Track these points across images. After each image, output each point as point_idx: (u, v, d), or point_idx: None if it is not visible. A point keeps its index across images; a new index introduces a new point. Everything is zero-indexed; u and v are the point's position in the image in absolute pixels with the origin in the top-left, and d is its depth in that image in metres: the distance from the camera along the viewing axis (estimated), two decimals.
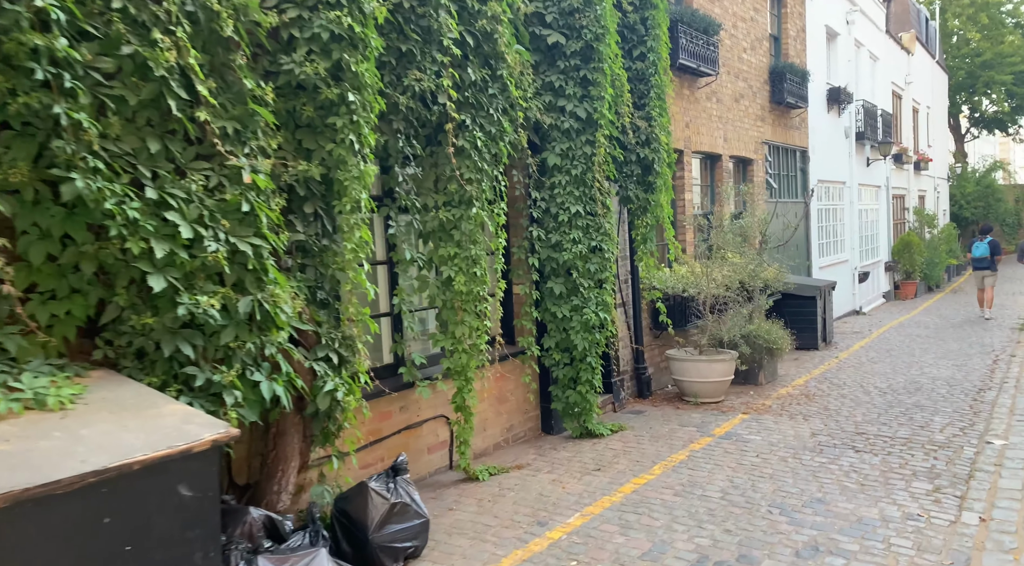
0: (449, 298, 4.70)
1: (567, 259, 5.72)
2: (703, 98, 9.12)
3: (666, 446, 5.76)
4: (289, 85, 3.65)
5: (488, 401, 5.57)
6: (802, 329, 10.35)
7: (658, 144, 6.56)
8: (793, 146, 12.15)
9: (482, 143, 4.69)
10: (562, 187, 5.71)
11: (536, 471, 5.18)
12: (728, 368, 7.19)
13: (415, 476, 4.92)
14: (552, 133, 5.66)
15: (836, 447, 5.66)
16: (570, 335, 5.80)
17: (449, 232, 4.67)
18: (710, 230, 7.85)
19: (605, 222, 5.94)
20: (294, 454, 3.65)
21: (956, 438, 5.85)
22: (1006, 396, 7.21)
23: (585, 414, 5.94)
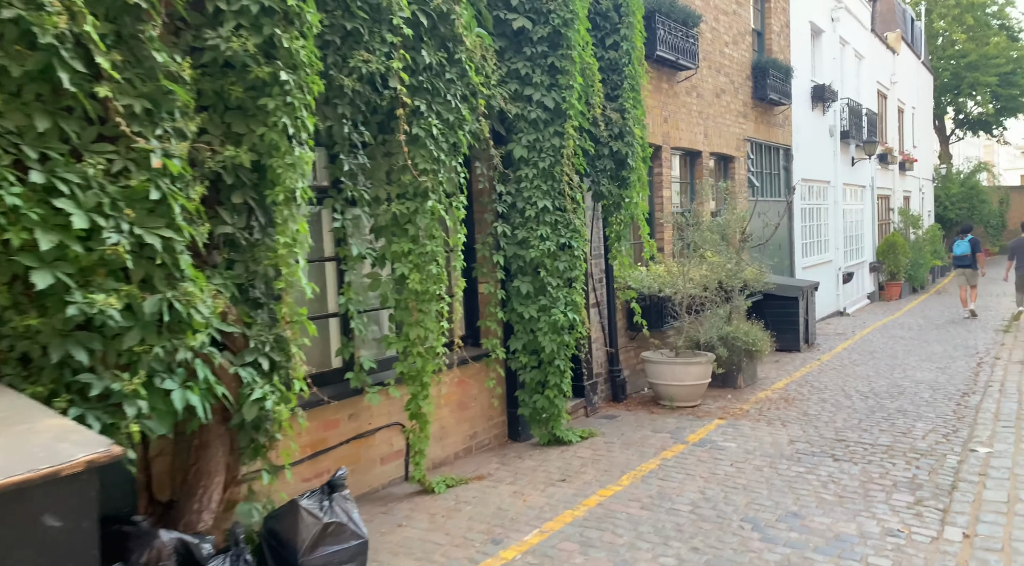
0: (403, 298, 4.38)
1: (534, 257, 5.42)
2: (682, 92, 8.85)
3: (637, 454, 5.48)
4: (216, 63, 3.32)
5: (449, 407, 5.26)
6: (784, 330, 10.13)
7: (632, 138, 6.27)
8: (776, 144, 11.93)
9: (439, 131, 4.37)
10: (529, 181, 5.40)
11: (497, 482, 4.87)
12: (704, 371, 6.92)
13: (366, 488, 4.60)
14: (518, 123, 5.36)
15: (815, 455, 5.40)
16: (538, 337, 5.50)
17: (403, 227, 4.35)
18: (688, 228, 7.58)
19: (575, 218, 5.64)
20: (219, 469, 3.31)
21: (939, 445, 5.62)
22: (990, 400, 7.00)
23: (553, 420, 5.64)
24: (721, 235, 7.43)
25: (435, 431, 5.12)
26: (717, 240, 7.35)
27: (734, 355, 7.62)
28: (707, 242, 7.26)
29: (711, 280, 7.45)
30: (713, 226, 7.45)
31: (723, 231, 7.47)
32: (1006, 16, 30.10)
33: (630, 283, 7.20)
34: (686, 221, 7.59)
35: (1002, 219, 30.06)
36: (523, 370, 5.64)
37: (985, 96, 29.20)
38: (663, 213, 8.23)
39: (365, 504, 4.48)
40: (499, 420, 5.77)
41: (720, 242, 7.36)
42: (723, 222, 7.57)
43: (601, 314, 7.19)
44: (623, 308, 7.33)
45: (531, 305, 5.51)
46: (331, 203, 4.06)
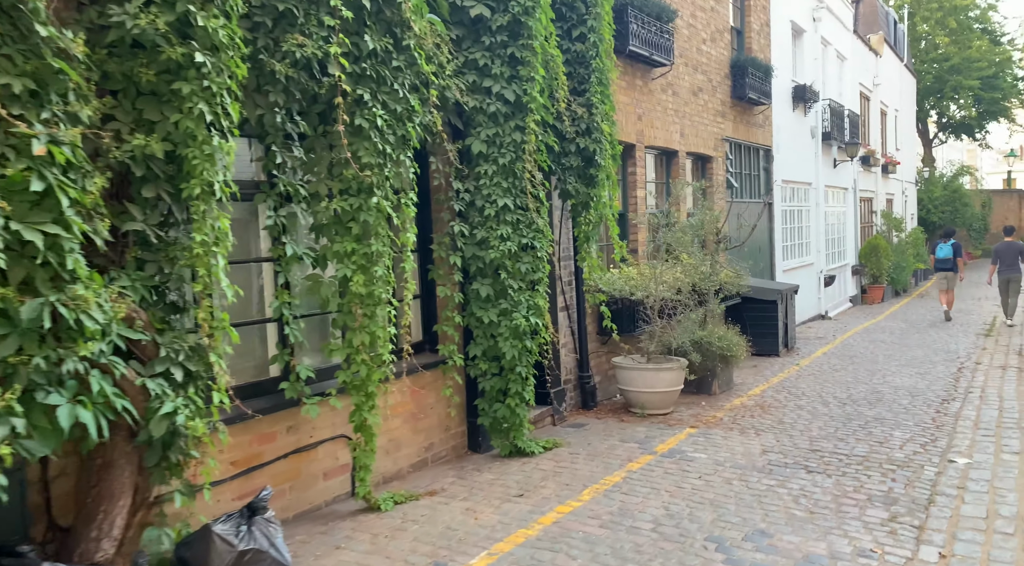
0: (346, 301, 4.08)
1: (494, 258, 5.14)
2: (657, 90, 8.61)
3: (602, 466, 5.20)
4: (124, 42, 3.01)
5: (402, 418, 4.96)
6: (762, 334, 9.92)
7: (600, 134, 6.01)
8: (756, 144, 11.74)
9: (384, 123, 4.08)
10: (488, 177, 5.12)
11: (450, 498, 4.58)
12: (676, 377, 6.67)
13: (307, 506, 4.29)
14: (477, 117, 5.08)
15: (787, 467, 5.16)
16: (498, 342, 5.22)
17: (346, 225, 4.05)
18: (661, 229, 7.33)
19: (538, 217, 5.37)
20: (123, 491, 3.00)
21: (917, 455, 5.39)
22: (970, 408, 6.80)
23: (515, 430, 5.35)
24: (694, 236, 7.17)
25: (386, 443, 4.83)
26: (690, 241, 7.10)
27: (708, 360, 7.38)
28: (680, 243, 7.02)
29: (684, 283, 7.21)
30: (686, 227, 7.20)
31: (696, 232, 7.21)
32: (988, 20, 30.27)
33: (600, 286, 6.94)
34: (659, 222, 7.33)
35: (984, 222, 30.20)
36: (483, 378, 5.35)
37: (967, 100, 29.32)
38: (637, 214, 7.98)
39: (305, 523, 4.17)
40: (458, 430, 5.48)
41: (693, 244, 7.11)
42: (696, 223, 7.32)
43: (570, 318, 6.92)
44: (594, 312, 7.07)
45: (491, 309, 5.22)
46: (262, 198, 3.75)
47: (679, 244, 7.07)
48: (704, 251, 7.41)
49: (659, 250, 7.09)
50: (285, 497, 4.13)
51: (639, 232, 8.20)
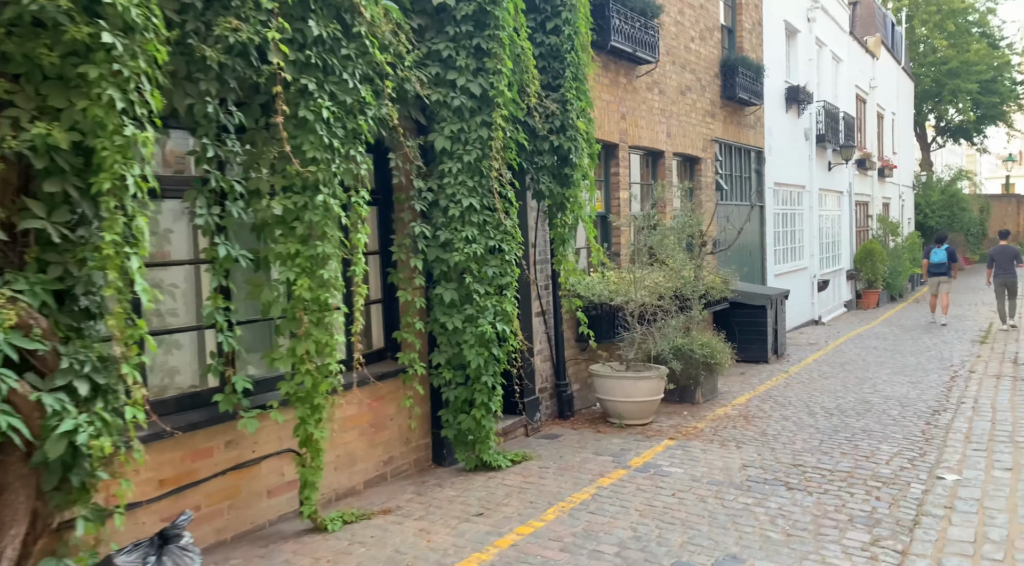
0: (290, 307, 3.80)
1: (459, 261, 4.86)
2: (643, 88, 8.35)
3: (571, 481, 4.92)
4: (22, 20, 2.74)
5: (358, 430, 4.67)
6: (751, 341, 9.65)
7: (575, 132, 5.74)
8: (747, 146, 11.48)
9: (332, 115, 3.80)
10: (453, 176, 4.85)
11: (405, 517, 4.29)
12: (655, 386, 6.39)
13: (248, 526, 4.00)
14: (440, 111, 4.80)
15: (767, 483, 4.87)
16: (463, 350, 4.93)
17: (290, 225, 3.77)
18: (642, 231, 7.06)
19: (506, 219, 5.09)
20: (19, 517, 2.71)
21: (904, 471, 5.11)
22: (962, 419, 6.52)
23: (480, 443, 5.07)
24: (677, 239, 6.90)
25: (341, 457, 4.54)
26: (672, 245, 6.82)
27: (691, 368, 7.10)
28: (661, 247, 6.74)
29: (666, 288, 6.94)
30: (667, 230, 6.93)
31: (679, 234, 6.94)
32: (987, 23, 30.05)
33: (579, 291, 6.66)
34: (639, 224, 7.05)
35: (982, 227, 29.96)
36: (447, 387, 5.07)
37: (966, 103, 29.07)
38: (620, 216, 7.71)
39: (244, 545, 3.88)
40: (421, 443, 5.19)
41: (675, 246, 6.84)
42: (678, 225, 7.04)
43: (546, 324, 6.64)
44: (571, 318, 6.79)
45: (456, 315, 4.94)
46: (192, 195, 3.47)
47: (660, 247, 6.79)
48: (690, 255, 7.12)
49: (639, 253, 6.80)
50: (223, 517, 3.85)
51: (622, 235, 7.93)
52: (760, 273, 12.07)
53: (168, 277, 3.88)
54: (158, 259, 3.77)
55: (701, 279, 7.60)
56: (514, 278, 5.18)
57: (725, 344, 7.39)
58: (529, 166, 5.67)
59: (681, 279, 6.88)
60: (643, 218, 7.01)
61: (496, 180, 4.93)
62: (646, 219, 6.96)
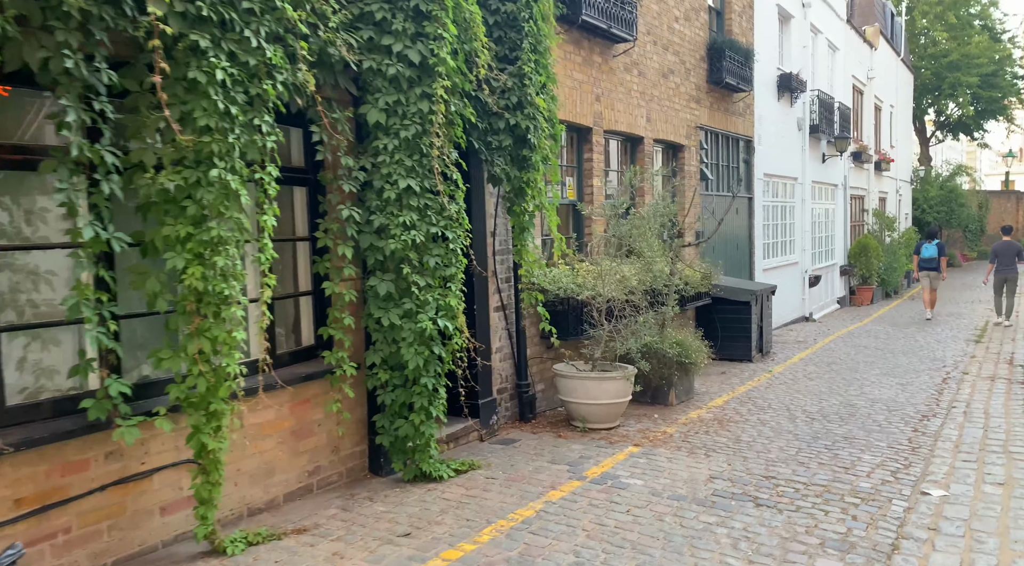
0: (180, 299, 3.31)
1: (395, 249, 4.37)
2: (620, 69, 7.83)
3: (518, 495, 4.45)
4: None
5: (277, 437, 4.19)
6: (734, 338, 9.19)
7: (535, 110, 5.24)
8: (735, 134, 10.97)
9: (229, 77, 3.30)
10: (388, 153, 4.35)
11: (321, 537, 3.82)
12: (621, 388, 5.91)
13: (135, 549, 3.52)
14: (374, 81, 4.30)
15: (734, 498, 4.41)
16: (401, 349, 4.45)
17: (180, 204, 3.28)
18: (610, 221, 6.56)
19: (451, 203, 4.60)
20: None
21: (885, 485, 4.65)
22: (952, 426, 6.06)
23: (419, 451, 4.60)
24: (649, 229, 6.40)
25: (256, 468, 4.06)
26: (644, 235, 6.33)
27: (664, 368, 6.63)
28: (629, 237, 6.25)
29: (638, 281, 6.45)
30: (637, 219, 6.43)
31: (651, 224, 6.44)
32: (989, 16, 29.46)
33: (543, 284, 6.18)
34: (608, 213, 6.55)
35: (981, 224, 29.47)
36: (383, 390, 4.59)
37: (966, 98, 28.50)
38: (593, 205, 7.21)
39: None
40: (355, 451, 4.71)
41: (647, 237, 6.34)
42: (649, 214, 6.55)
43: (507, 319, 6.16)
44: (536, 312, 6.31)
45: (392, 309, 4.45)
46: (51, 165, 2.96)
47: (628, 237, 6.30)
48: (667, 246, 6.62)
49: (608, 244, 6.31)
50: (101, 539, 3.37)
51: (595, 225, 7.43)
52: (747, 268, 11.59)
53: (44, 263, 3.39)
54: (25, 243, 3.28)
55: (677, 273, 7.12)
56: (460, 269, 4.69)
57: (701, 342, 6.92)
58: (481, 146, 5.17)
59: (653, 272, 6.38)
60: (609, 207, 6.50)
61: (438, 159, 4.43)
62: (614, 208, 6.46)
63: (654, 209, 6.53)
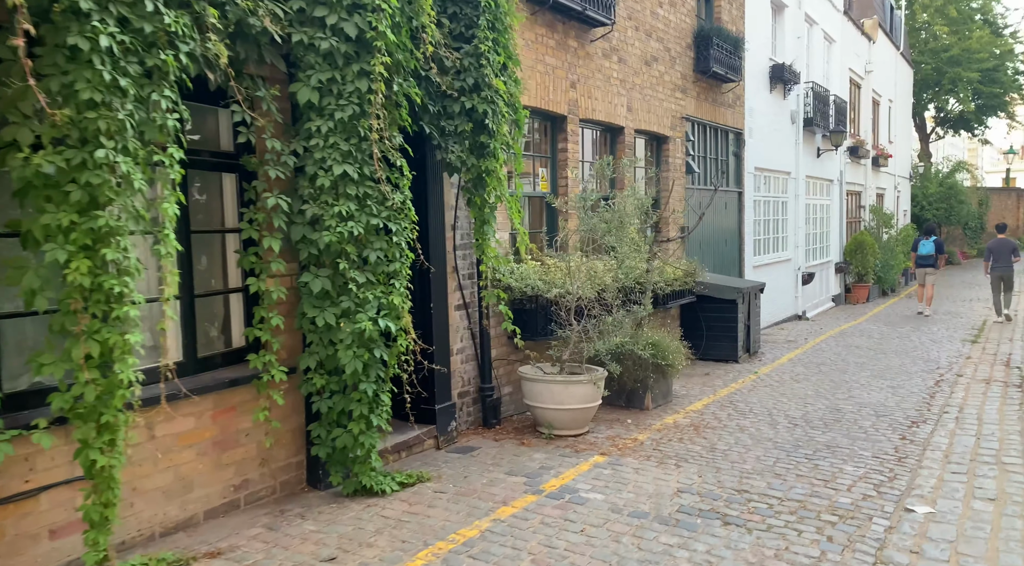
0: (63, 297, 2.93)
1: (331, 242, 3.98)
2: (598, 54, 7.43)
3: (465, 511, 4.07)
4: None
5: (197, 449, 3.81)
6: (719, 338, 8.81)
7: (493, 93, 4.84)
8: (724, 126, 10.56)
9: (116, 45, 2.92)
10: (322, 137, 3.96)
11: (234, 562, 3.43)
12: (589, 392, 5.53)
13: None
14: (306, 56, 3.90)
15: (701, 515, 4.03)
16: (338, 352, 4.07)
17: (63, 189, 2.90)
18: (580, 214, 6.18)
19: (395, 192, 4.21)
20: None
21: (867, 501, 4.27)
22: (943, 433, 5.68)
23: (359, 463, 4.22)
24: (621, 222, 6.02)
25: (171, 484, 3.69)
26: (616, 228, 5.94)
27: (639, 370, 6.25)
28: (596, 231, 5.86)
29: (612, 278, 6.07)
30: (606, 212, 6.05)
31: (623, 217, 6.06)
32: (990, 10, 28.99)
33: (509, 281, 5.80)
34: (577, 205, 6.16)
35: (981, 221, 29.04)
36: (319, 397, 4.21)
37: (967, 93, 28.04)
38: (568, 198, 6.82)
39: None
40: (290, 462, 4.33)
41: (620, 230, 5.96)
42: (620, 207, 6.16)
43: (470, 319, 5.78)
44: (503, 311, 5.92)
45: (329, 308, 4.07)
46: None
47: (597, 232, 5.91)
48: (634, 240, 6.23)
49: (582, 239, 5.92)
50: None
51: (571, 219, 7.04)
52: (737, 265, 11.20)
53: None
54: None
55: (655, 269, 6.74)
56: (405, 264, 4.31)
57: (679, 342, 6.55)
58: (434, 131, 4.77)
59: (626, 269, 6.00)
60: (579, 199, 6.11)
61: (378, 143, 4.04)
62: (583, 200, 6.08)
63: (626, 201, 6.13)
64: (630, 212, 6.04)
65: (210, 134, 4.17)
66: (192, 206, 4.02)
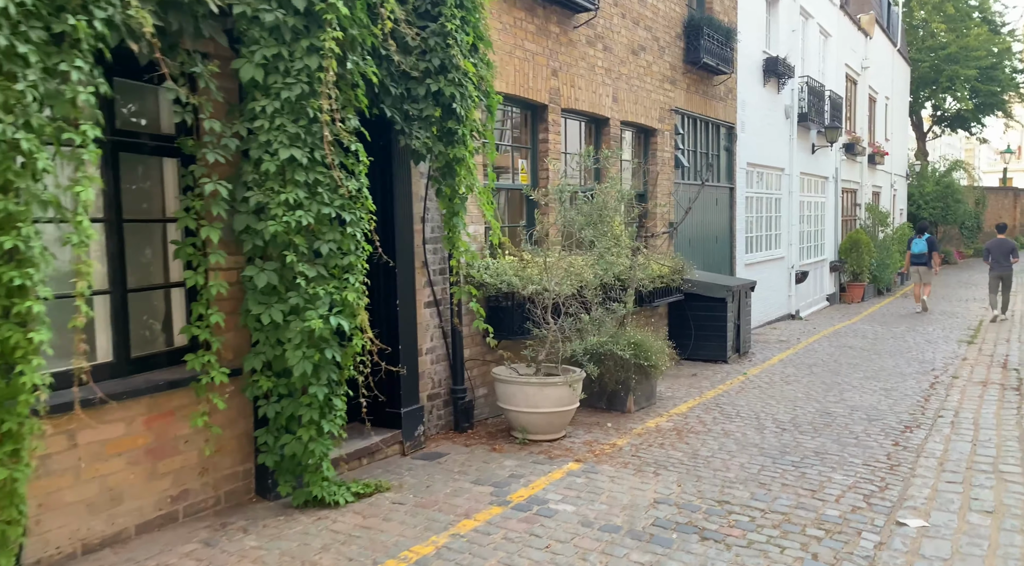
0: None
1: (277, 233, 3.67)
2: (581, 41, 7.12)
3: (423, 525, 3.77)
4: None
5: (128, 457, 3.49)
6: (708, 337, 8.52)
7: (461, 75, 4.53)
8: (716, 120, 10.26)
9: (13, 5, 2.60)
10: (267, 118, 3.64)
11: None
12: (565, 394, 5.23)
13: None
14: (250, 30, 3.59)
15: (677, 530, 3.73)
16: (286, 352, 3.76)
17: None
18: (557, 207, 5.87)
19: (350, 179, 3.90)
20: None
21: (856, 513, 3.98)
22: (937, 439, 5.40)
23: (310, 473, 3.91)
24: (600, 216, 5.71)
25: (96, 496, 3.37)
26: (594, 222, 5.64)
27: (620, 372, 5.95)
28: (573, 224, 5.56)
29: (593, 275, 5.77)
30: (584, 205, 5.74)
31: (601, 211, 5.75)
32: (988, 8, 28.74)
33: (484, 278, 5.50)
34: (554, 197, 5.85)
35: (978, 220, 28.82)
36: (266, 401, 3.90)
37: (964, 92, 27.78)
38: (541, 190, 6.50)
39: None
40: (237, 470, 4.02)
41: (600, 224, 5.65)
42: (599, 199, 5.85)
43: (441, 316, 5.48)
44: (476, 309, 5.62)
45: (276, 305, 3.76)
46: None
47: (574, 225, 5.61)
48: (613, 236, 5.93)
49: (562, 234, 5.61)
50: None
51: (551, 213, 6.74)
52: (728, 262, 10.91)
53: None
54: None
55: (639, 266, 6.44)
56: (361, 258, 4.00)
57: (664, 342, 6.25)
58: (396, 115, 4.46)
59: (605, 264, 5.69)
60: (556, 191, 5.81)
61: (329, 126, 3.72)
62: (559, 192, 5.77)
63: (606, 194, 5.82)
64: (611, 205, 5.73)
65: (151, 115, 3.86)
66: (129, 193, 3.70)
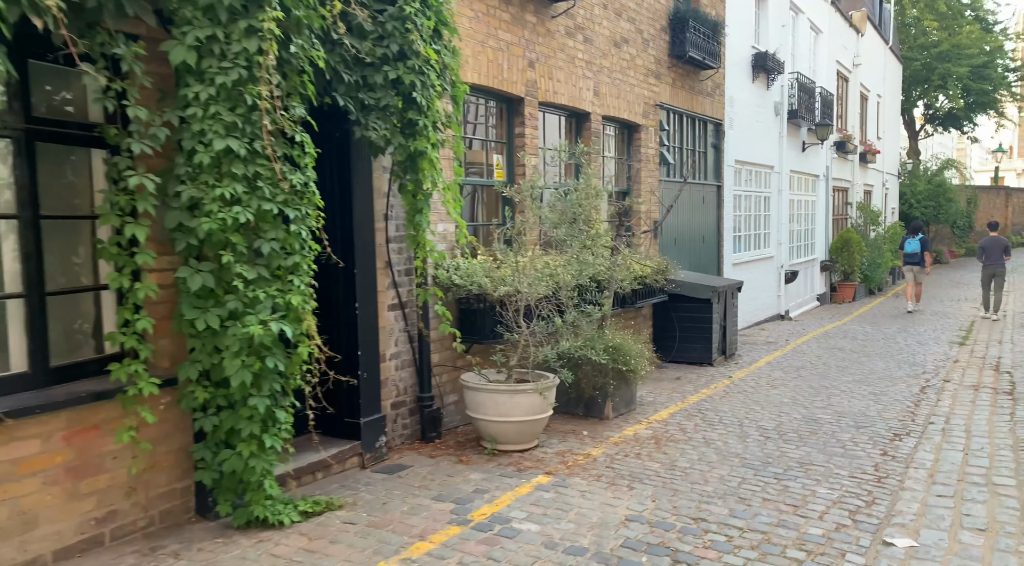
0: None
1: (212, 230, 3.36)
2: (560, 32, 6.83)
3: (372, 548, 3.47)
4: None
5: (45, 475, 3.19)
6: (693, 339, 8.26)
7: (422, 62, 4.23)
8: (703, 116, 9.99)
9: None
10: (201, 105, 3.34)
11: None
12: (537, 402, 4.94)
13: None
14: (181, 9, 3.28)
15: (648, 551, 3.45)
16: (224, 361, 3.46)
17: None
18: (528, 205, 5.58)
19: (293, 173, 3.60)
20: None
21: (840, 531, 3.71)
22: (927, 448, 5.14)
23: (252, 491, 3.61)
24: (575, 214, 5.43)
25: (4, 520, 3.06)
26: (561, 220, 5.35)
27: (598, 377, 5.67)
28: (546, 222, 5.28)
29: (571, 276, 5.49)
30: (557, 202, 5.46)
31: (575, 208, 5.47)
32: (980, 6, 28.62)
33: (454, 279, 5.22)
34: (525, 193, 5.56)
35: (969, 219, 28.71)
36: (203, 413, 3.60)
37: (956, 90, 27.65)
38: (514, 187, 6.21)
39: None
40: (173, 488, 3.71)
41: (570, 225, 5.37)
42: (573, 196, 5.56)
43: (407, 320, 5.19)
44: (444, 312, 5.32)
45: (212, 309, 3.46)
46: None
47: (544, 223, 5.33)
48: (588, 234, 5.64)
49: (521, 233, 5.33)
50: None
51: (526, 210, 6.44)
52: (715, 262, 10.65)
53: None
54: None
55: (619, 266, 6.16)
56: (308, 258, 3.70)
57: (643, 345, 5.97)
58: (350, 104, 4.16)
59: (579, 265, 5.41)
60: (527, 188, 5.52)
61: (270, 114, 3.42)
62: (529, 188, 5.48)
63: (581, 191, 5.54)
64: (585, 203, 5.45)
65: (78, 103, 3.55)
66: (49, 187, 3.40)
